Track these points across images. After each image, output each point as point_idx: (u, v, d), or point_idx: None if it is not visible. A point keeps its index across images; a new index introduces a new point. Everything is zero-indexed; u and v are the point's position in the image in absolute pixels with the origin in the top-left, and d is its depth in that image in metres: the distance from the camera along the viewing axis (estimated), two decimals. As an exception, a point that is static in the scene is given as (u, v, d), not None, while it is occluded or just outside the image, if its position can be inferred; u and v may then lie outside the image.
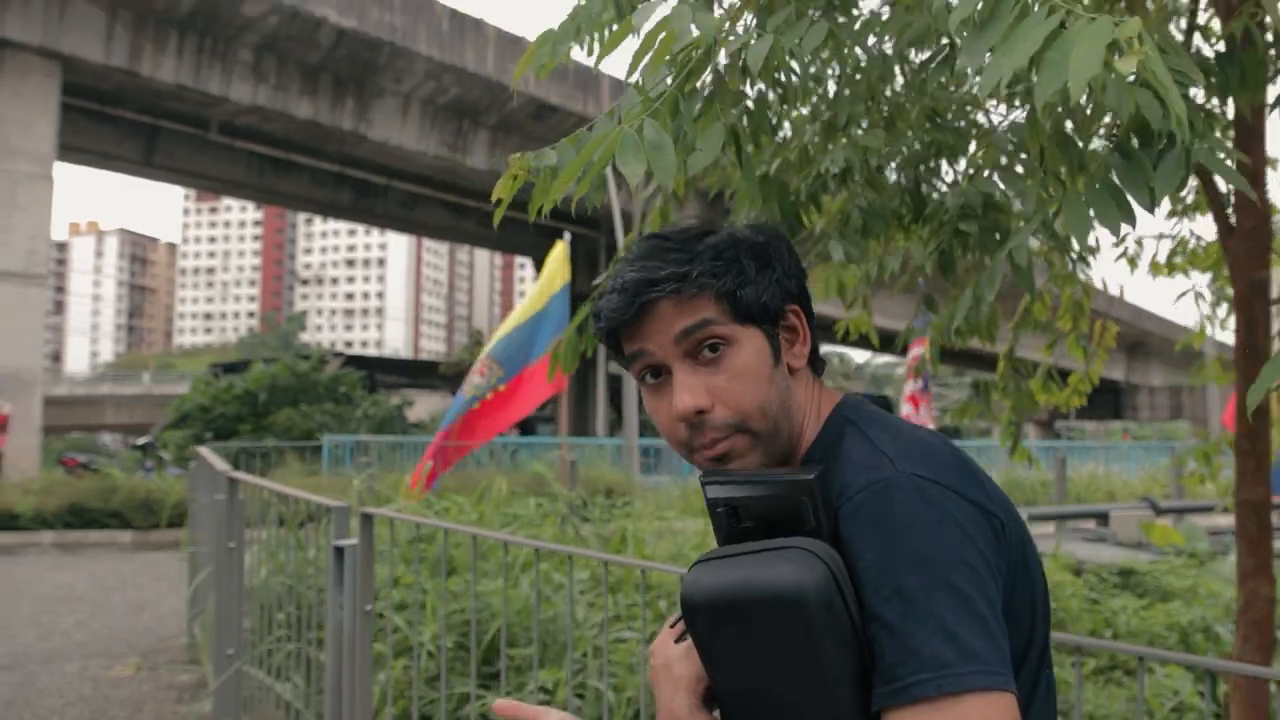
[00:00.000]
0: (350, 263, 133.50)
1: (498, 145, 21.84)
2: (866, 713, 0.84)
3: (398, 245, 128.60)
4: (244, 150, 22.98)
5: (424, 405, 31.26)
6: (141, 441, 16.58)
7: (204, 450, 6.19)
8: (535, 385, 7.44)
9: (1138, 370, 52.60)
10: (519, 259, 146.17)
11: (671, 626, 1.00)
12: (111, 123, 21.04)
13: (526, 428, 27.16)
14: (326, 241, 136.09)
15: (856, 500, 0.89)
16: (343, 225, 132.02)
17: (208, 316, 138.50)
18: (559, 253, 7.64)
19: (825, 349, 1.04)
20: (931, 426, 9.43)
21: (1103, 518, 9.57)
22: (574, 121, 22.03)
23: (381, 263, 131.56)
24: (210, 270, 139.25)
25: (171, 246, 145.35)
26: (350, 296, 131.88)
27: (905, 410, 9.16)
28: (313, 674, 3.84)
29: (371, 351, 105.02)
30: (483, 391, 7.43)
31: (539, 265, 31.85)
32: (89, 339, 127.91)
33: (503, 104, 20.82)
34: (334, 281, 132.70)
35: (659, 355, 0.99)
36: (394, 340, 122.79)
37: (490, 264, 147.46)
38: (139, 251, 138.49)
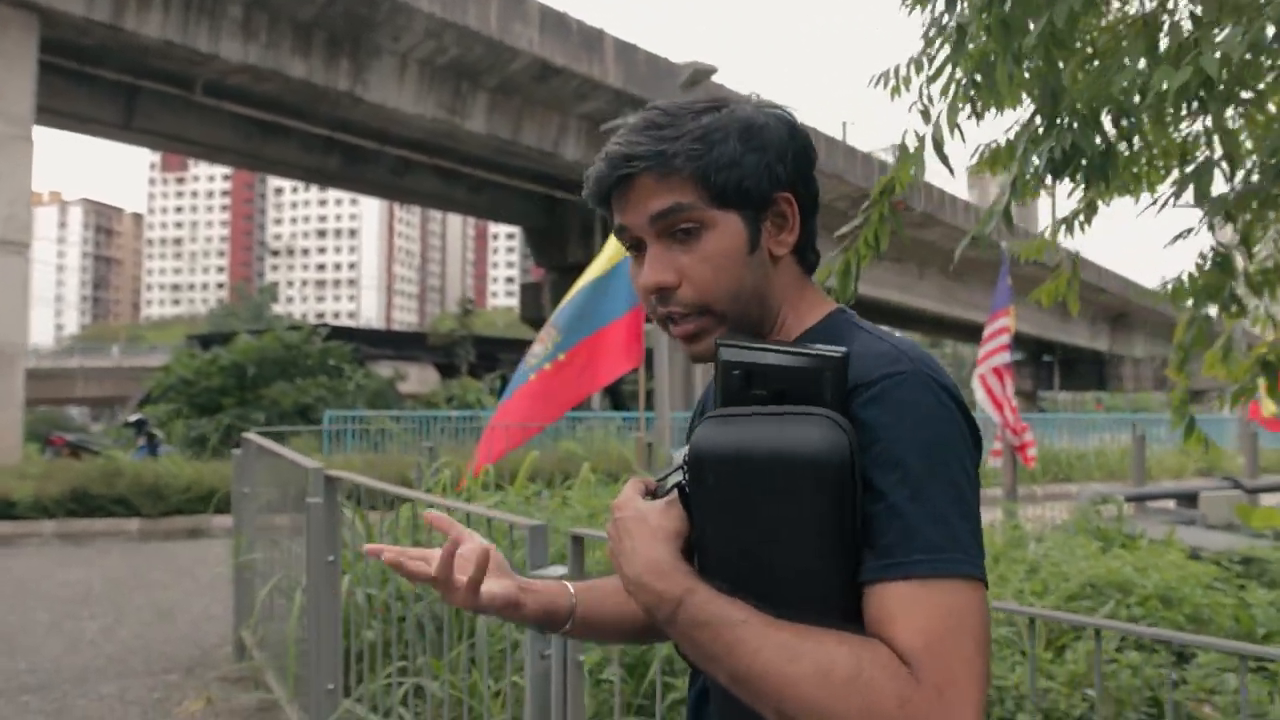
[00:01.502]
0: (321, 233, 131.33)
1: (497, 108, 20.91)
2: (844, 581, 0.87)
3: (369, 215, 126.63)
4: (229, 113, 21.88)
5: (417, 378, 30.37)
6: (133, 418, 15.62)
7: (254, 436, 5.43)
8: (606, 356, 6.70)
9: (1120, 341, 52.62)
10: (492, 229, 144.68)
11: (653, 486, 0.99)
12: (89, 83, 19.91)
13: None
14: (297, 212, 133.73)
15: (879, 385, 0.90)
16: (313, 195, 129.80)
17: (175, 288, 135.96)
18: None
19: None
20: (1014, 404, 8.84)
21: (1190, 499, 9.00)
22: (578, 84, 21.16)
23: (353, 233, 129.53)
24: (178, 241, 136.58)
25: (137, 217, 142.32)
26: (322, 267, 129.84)
27: (990, 386, 8.51)
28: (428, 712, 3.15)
29: (345, 322, 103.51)
30: (541, 362, 6.68)
31: (532, 234, 31.00)
32: (53, 310, 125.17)
33: (504, 65, 19.89)
34: (305, 252, 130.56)
35: (637, 231, 1.01)
36: (367, 311, 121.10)
37: (463, 234, 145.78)
38: (104, 222, 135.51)
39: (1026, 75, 2.87)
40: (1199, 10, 2.74)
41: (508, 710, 3.15)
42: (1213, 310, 3.34)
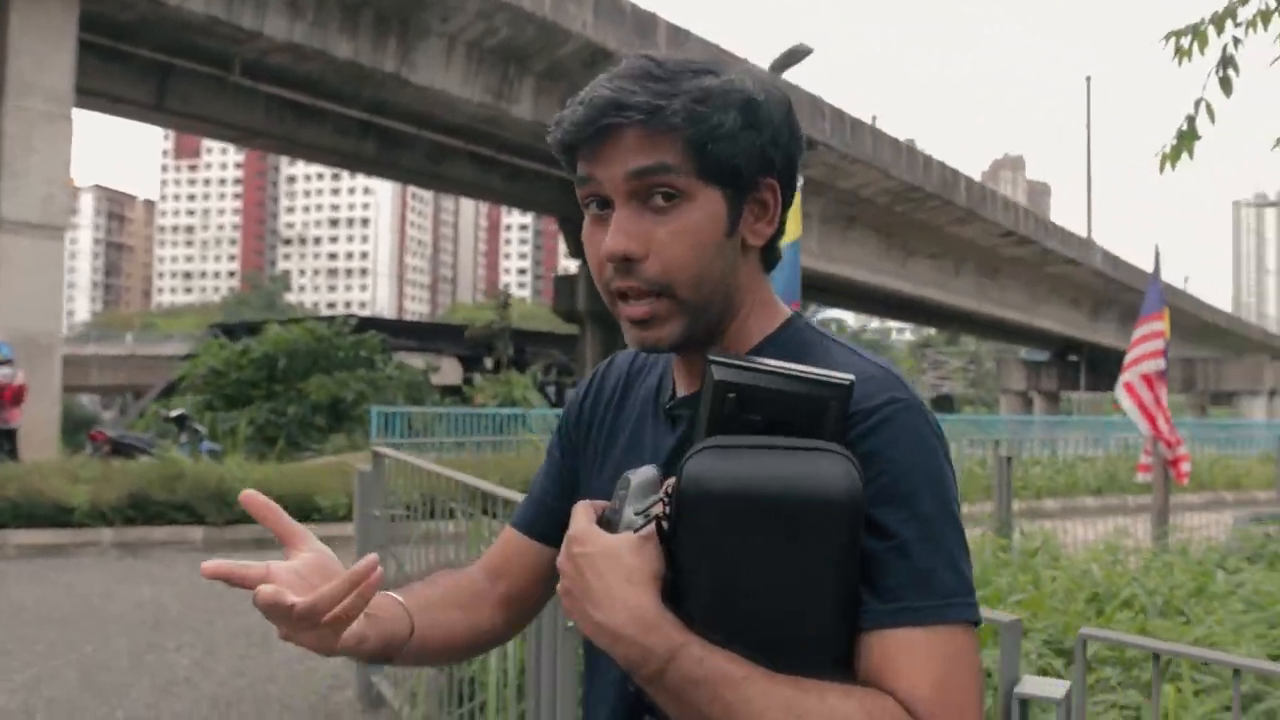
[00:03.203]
0: (334, 222, 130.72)
1: (543, 94, 20.14)
2: (847, 627, 0.82)
3: (382, 204, 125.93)
4: (264, 95, 21.17)
5: (450, 370, 29.60)
6: (174, 413, 14.89)
7: (388, 450, 4.69)
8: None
9: (1149, 341, 51.75)
10: (505, 219, 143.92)
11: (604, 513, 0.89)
12: (123, 62, 19.18)
13: None
14: (309, 200, 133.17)
15: (884, 413, 0.85)
16: (326, 184, 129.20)
17: (187, 275, 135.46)
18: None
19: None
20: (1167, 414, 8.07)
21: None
22: (628, 69, 20.39)
23: (366, 222, 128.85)
24: (190, 228, 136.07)
25: (149, 204, 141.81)
26: (334, 256, 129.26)
27: (1139, 395, 7.74)
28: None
29: (357, 312, 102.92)
30: None
31: (567, 225, 30.16)
32: (65, 297, 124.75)
33: (554, 48, 19.13)
34: (317, 241, 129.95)
35: (607, 188, 0.92)
36: (379, 301, 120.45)
37: (475, 224, 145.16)
38: (116, 208, 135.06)
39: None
40: None
41: None
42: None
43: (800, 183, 0.96)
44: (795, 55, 13.35)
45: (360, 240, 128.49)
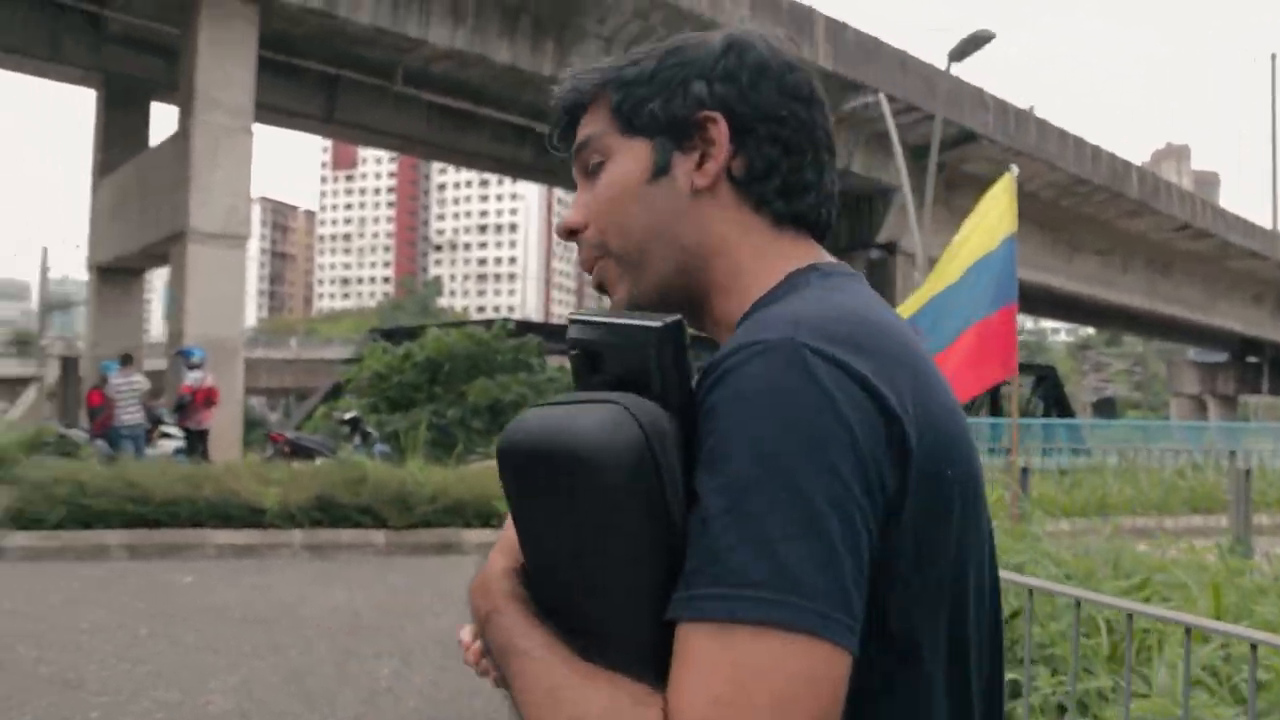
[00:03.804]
0: (483, 228, 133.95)
1: (699, 93, 19.94)
2: (651, 616, 0.68)
3: (529, 210, 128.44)
4: (425, 103, 21.71)
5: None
6: (348, 416, 15.30)
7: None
8: (970, 365, 5.54)
9: (1340, 339, 47.97)
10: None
11: None
12: (295, 77, 19.97)
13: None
14: (459, 208, 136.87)
15: (725, 364, 0.71)
16: (474, 191, 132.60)
17: (345, 282, 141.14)
18: (1003, 189, 5.69)
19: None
20: None
21: None
22: (785, 65, 19.99)
23: (514, 228, 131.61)
24: (347, 237, 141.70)
25: (310, 214, 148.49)
26: (483, 262, 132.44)
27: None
28: None
29: (505, 315, 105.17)
30: None
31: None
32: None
33: (711, 46, 18.88)
34: (467, 247, 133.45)
35: (576, 169, 0.92)
36: (528, 304, 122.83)
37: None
38: (279, 219, 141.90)
39: None
40: None
41: None
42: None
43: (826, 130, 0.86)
44: (976, 41, 12.73)
45: (509, 245, 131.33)
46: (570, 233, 0.90)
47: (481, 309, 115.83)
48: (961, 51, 13.49)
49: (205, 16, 14.56)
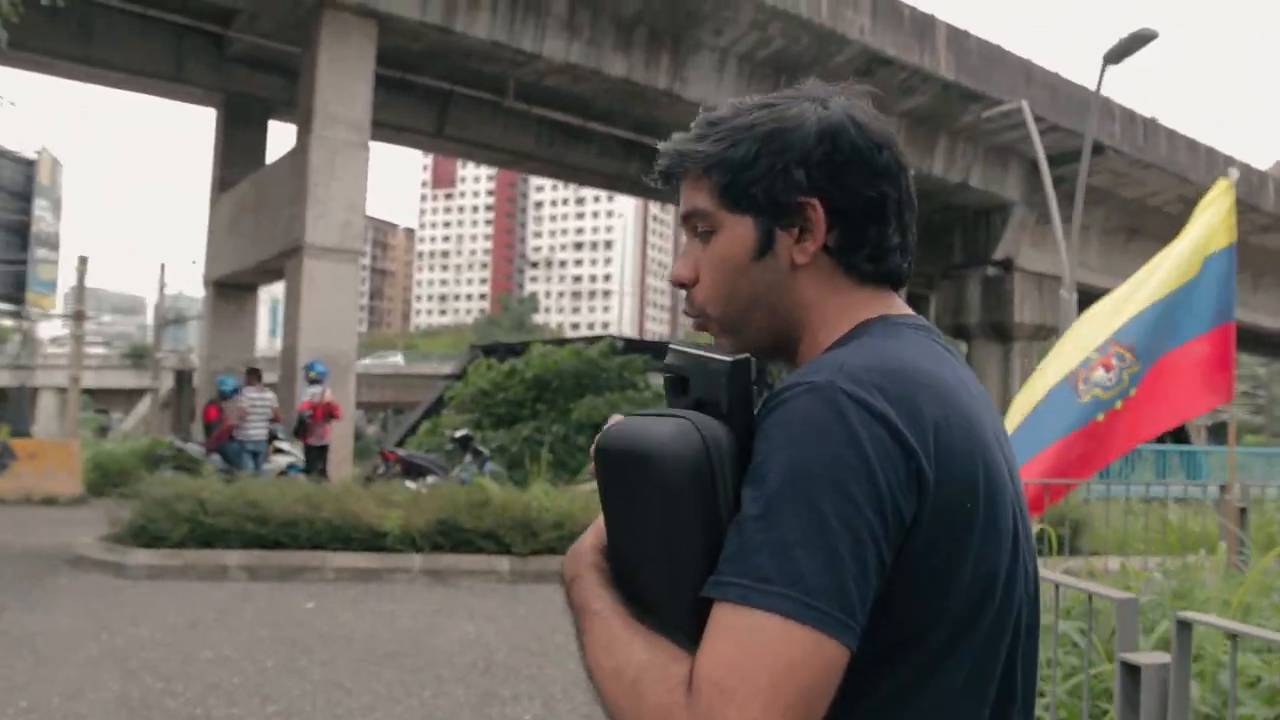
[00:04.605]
0: (578, 245, 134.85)
1: (814, 106, 19.37)
2: (692, 595, 0.82)
3: (624, 227, 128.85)
4: (534, 119, 21.59)
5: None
6: (459, 434, 15.07)
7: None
8: (1181, 387, 4.91)
9: None
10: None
11: None
12: (407, 93, 20.01)
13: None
14: (555, 225, 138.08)
15: (780, 398, 0.86)
16: (570, 209, 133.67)
17: (442, 298, 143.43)
18: (1220, 195, 5.05)
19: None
20: None
21: None
22: (905, 76, 19.28)
23: (609, 245, 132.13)
24: (444, 254, 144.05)
25: (409, 232, 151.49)
26: (578, 279, 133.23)
27: None
28: None
29: (599, 331, 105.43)
30: (1114, 397, 4.91)
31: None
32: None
33: (828, 58, 18.31)
34: (562, 264, 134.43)
35: (685, 230, 1.03)
36: (623, 321, 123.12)
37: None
38: (380, 236, 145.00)
39: None
40: None
41: None
42: None
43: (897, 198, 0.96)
44: (1139, 40, 11.92)
45: (604, 263, 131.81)
46: (680, 284, 1.02)
47: (576, 325, 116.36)
48: (1121, 52, 12.64)
49: (325, 33, 14.56)
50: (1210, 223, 5.01)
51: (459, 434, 14.92)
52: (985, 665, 0.88)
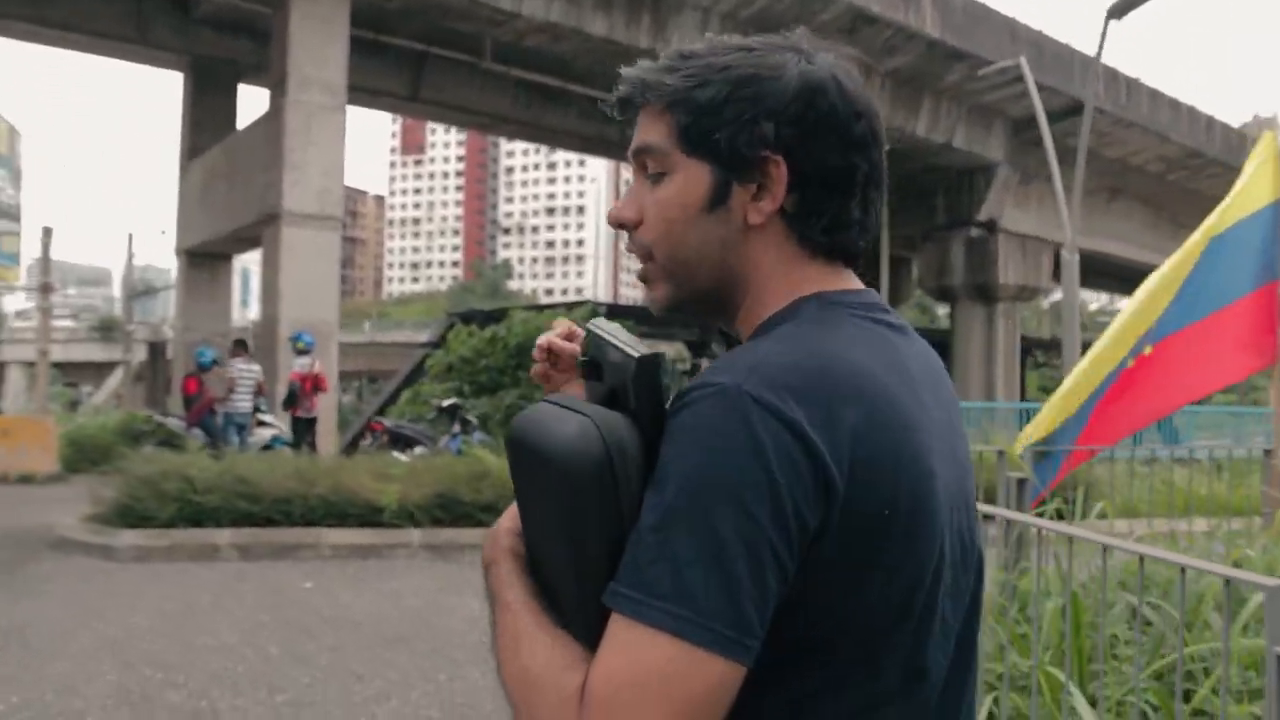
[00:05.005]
0: (550, 210, 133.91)
1: (798, 65, 19.07)
2: (591, 599, 0.80)
3: (596, 193, 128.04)
4: (512, 80, 21.16)
5: (672, 355, 29.02)
6: (446, 403, 14.77)
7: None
8: (1218, 351, 4.73)
9: None
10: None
11: None
12: (381, 55, 19.51)
13: None
14: (526, 190, 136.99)
15: (687, 398, 0.82)
16: (542, 174, 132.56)
17: (414, 266, 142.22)
18: (1267, 149, 4.84)
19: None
20: None
21: None
22: (890, 35, 19.00)
23: (581, 210, 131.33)
24: (416, 221, 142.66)
25: (379, 199, 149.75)
26: (551, 244, 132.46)
27: None
28: None
29: (573, 297, 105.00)
30: (1126, 357, 4.73)
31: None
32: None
33: (812, 15, 17.96)
34: (535, 230, 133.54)
35: (634, 167, 0.98)
36: (597, 286, 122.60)
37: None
38: (350, 204, 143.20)
39: None
40: None
41: None
42: None
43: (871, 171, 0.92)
44: (1139, -4, 11.67)
45: (576, 228, 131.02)
46: (621, 225, 0.96)
47: (550, 291, 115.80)
48: (1123, 7, 12.40)
49: (297, -9, 14.09)
50: (1255, 178, 4.80)
51: (446, 403, 14.61)
52: (908, 673, 0.85)
